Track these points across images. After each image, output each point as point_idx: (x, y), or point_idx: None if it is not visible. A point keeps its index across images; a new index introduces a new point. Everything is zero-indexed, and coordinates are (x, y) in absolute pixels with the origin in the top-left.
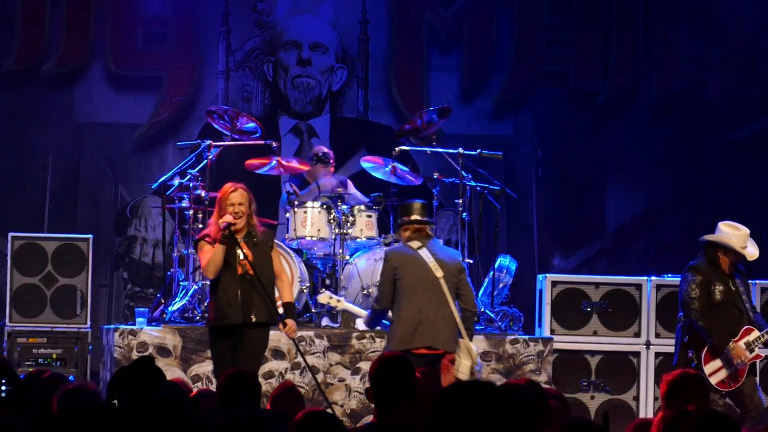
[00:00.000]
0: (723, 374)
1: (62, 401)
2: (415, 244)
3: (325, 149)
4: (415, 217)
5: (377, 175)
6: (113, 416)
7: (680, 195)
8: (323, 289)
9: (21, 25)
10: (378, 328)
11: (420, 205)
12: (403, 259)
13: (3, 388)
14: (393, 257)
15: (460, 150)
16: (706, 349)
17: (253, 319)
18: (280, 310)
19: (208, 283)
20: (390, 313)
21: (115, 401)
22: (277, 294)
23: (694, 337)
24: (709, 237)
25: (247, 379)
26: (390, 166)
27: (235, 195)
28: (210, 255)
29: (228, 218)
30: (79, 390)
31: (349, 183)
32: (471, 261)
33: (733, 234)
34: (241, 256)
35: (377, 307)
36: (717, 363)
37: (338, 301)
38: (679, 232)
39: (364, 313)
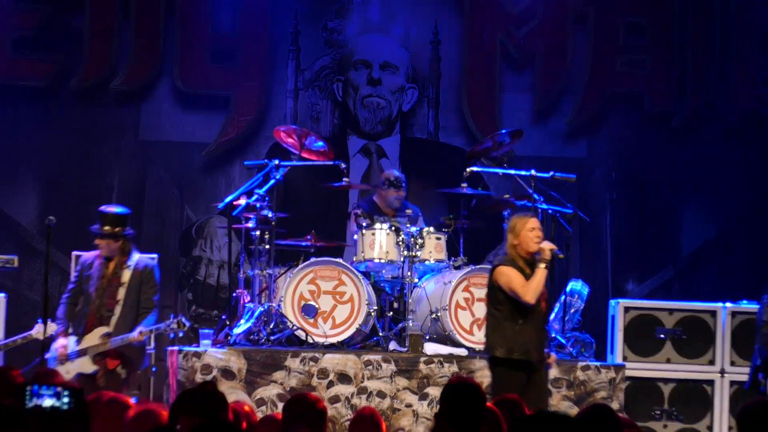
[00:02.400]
0: None
1: (126, 424)
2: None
3: (397, 173)
4: None
5: None
6: None
7: (756, 218)
8: (390, 313)
9: (90, 40)
10: (447, 351)
11: None
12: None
13: (66, 400)
14: None
15: (533, 172)
16: None
17: (544, 357)
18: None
19: (275, 306)
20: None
21: (178, 425)
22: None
23: (766, 361)
24: None
25: (313, 404)
26: None
27: (534, 220)
28: (534, 280)
29: (550, 245)
30: (144, 413)
31: (421, 214)
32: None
33: None
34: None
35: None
36: None
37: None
38: (755, 257)
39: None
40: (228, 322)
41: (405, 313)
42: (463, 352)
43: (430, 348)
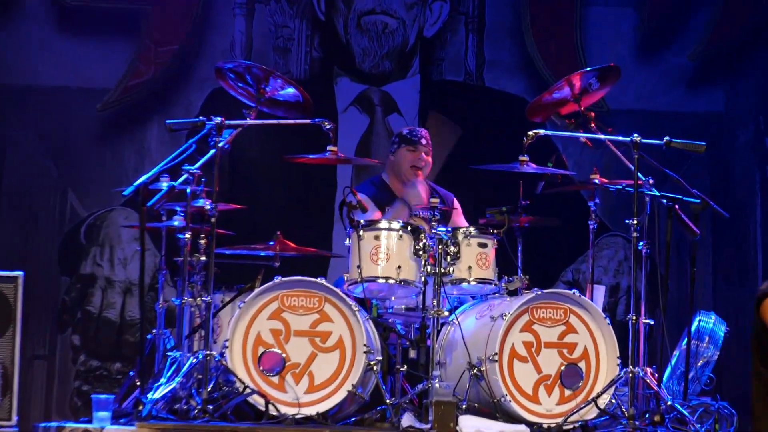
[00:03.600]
0: None
1: None
2: None
3: (418, 127)
4: None
5: None
6: None
7: None
8: (404, 366)
9: None
10: (498, 430)
11: None
12: None
13: None
14: None
15: (636, 137)
16: None
17: None
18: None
19: (216, 356)
20: None
21: None
22: None
23: None
24: None
25: None
26: None
27: None
28: None
29: None
30: None
31: (457, 204)
32: (651, 322)
33: None
34: None
35: None
36: None
37: None
38: None
39: None
40: (139, 382)
41: (428, 366)
42: (523, 430)
43: (469, 424)
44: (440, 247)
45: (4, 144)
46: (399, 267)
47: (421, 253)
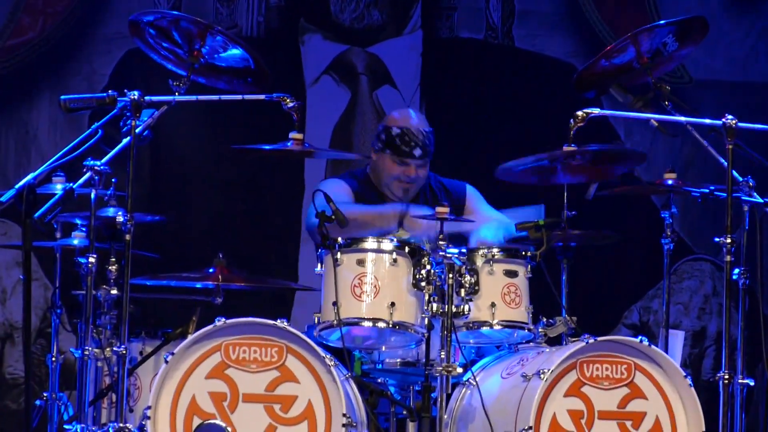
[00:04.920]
0: None
1: None
2: None
3: (413, 119)
4: None
5: None
6: None
7: None
8: None
9: None
10: None
11: None
12: None
13: None
14: None
15: (730, 120)
16: None
17: None
18: None
19: (130, 427)
20: None
21: None
22: None
23: None
24: None
25: None
26: None
27: None
28: None
29: None
30: None
31: (472, 194)
32: (752, 382)
33: None
34: None
35: None
36: None
37: None
38: None
39: None
40: None
41: None
42: None
43: None
44: (451, 275)
45: None
46: (392, 304)
47: (423, 284)
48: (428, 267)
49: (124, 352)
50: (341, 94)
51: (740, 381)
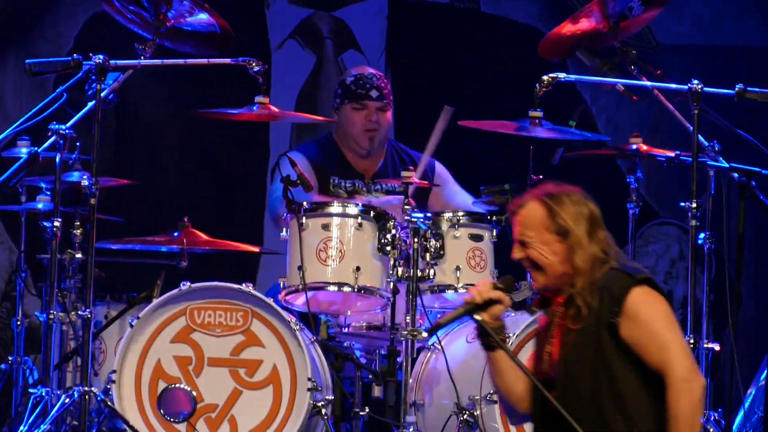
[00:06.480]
0: None
1: None
2: None
3: (369, 70)
4: None
5: None
6: None
7: None
8: (365, 409)
9: None
10: None
11: None
12: None
13: None
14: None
15: (696, 85)
16: None
17: None
18: None
19: (98, 394)
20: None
21: None
22: None
23: None
24: None
25: None
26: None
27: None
28: None
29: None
30: None
31: (442, 170)
32: (717, 347)
33: None
34: None
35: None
36: None
37: None
38: None
39: None
40: None
41: (400, 409)
42: None
43: None
44: (416, 240)
45: None
46: (357, 269)
47: (389, 248)
48: (393, 231)
49: (89, 316)
50: (306, 59)
51: (706, 345)
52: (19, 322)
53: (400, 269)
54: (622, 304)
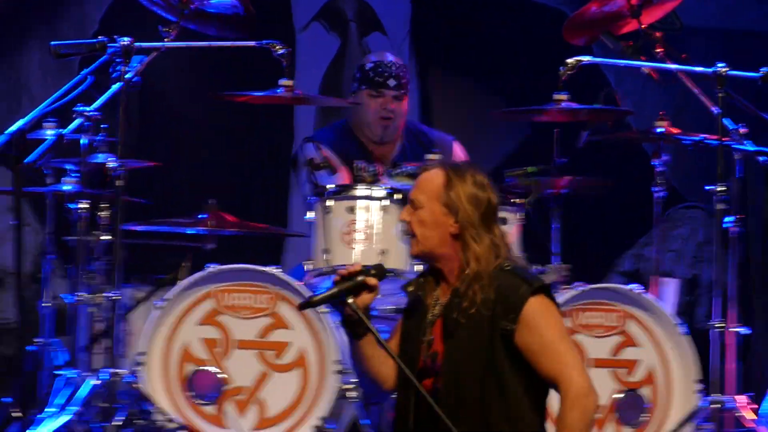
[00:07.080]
0: None
1: None
2: None
3: (386, 54)
4: None
5: None
6: None
7: None
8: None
9: None
10: None
11: None
12: None
13: None
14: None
15: (721, 68)
16: None
17: None
18: None
19: (126, 376)
20: None
21: None
22: None
23: None
24: None
25: None
26: None
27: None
28: None
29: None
30: None
31: (459, 150)
32: (746, 331)
33: None
34: None
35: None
36: None
37: None
38: None
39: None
40: (17, 414)
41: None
42: None
43: None
44: None
45: None
46: (384, 251)
47: None
48: None
49: (117, 298)
50: (331, 41)
51: (734, 329)
52: (46, 304)
53: None
54: (520, 312)
